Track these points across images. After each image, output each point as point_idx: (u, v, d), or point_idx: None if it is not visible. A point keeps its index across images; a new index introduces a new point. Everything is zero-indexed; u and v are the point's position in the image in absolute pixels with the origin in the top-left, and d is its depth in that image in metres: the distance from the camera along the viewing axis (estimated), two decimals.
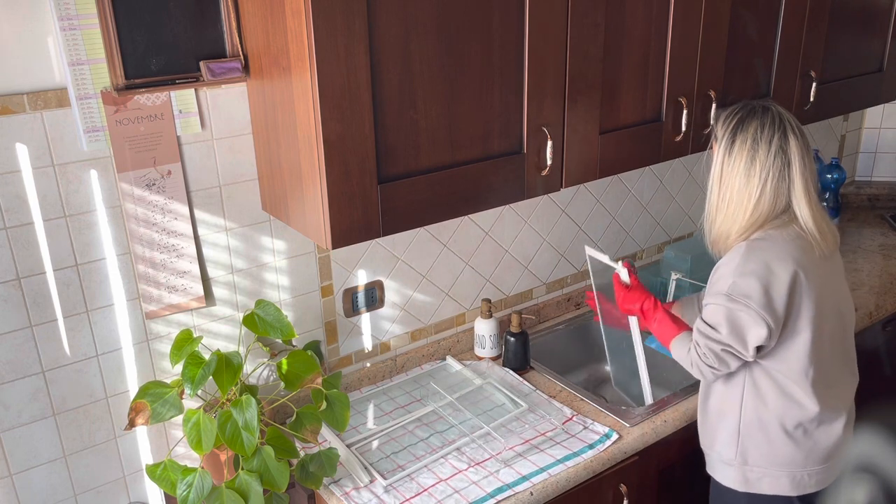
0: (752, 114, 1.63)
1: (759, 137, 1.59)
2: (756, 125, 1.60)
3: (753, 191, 1.60)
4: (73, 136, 1.51)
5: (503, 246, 2.24)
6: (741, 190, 1.61)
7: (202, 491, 1.52)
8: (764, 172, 1.59)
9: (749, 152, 1.60)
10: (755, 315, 1.56)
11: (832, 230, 1.65)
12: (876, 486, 1.54)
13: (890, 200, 3.26)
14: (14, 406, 1.57)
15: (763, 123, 1.60)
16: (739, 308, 1.57)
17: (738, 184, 1.61)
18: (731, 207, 1.63)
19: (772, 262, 1.57)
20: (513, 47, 1.60)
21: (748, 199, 1.61)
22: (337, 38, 1.36)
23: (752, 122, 1.61)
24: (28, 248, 1.51)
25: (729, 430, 1.70)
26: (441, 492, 1.65)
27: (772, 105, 1.65)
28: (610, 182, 2.42)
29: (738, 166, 1.61)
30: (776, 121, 1.60)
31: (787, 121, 1.61)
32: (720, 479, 1.76)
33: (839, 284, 1.70)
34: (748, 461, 1.69)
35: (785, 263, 1.56)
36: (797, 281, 1.57)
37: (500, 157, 1.66)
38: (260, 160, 1.71)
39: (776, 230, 1.60)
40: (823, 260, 1.62)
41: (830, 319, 1.64)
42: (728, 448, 1.71)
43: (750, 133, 1.60)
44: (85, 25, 1.46)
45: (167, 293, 1.69)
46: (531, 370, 2.12)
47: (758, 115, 1.62)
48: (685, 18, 1.88)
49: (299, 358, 1.63)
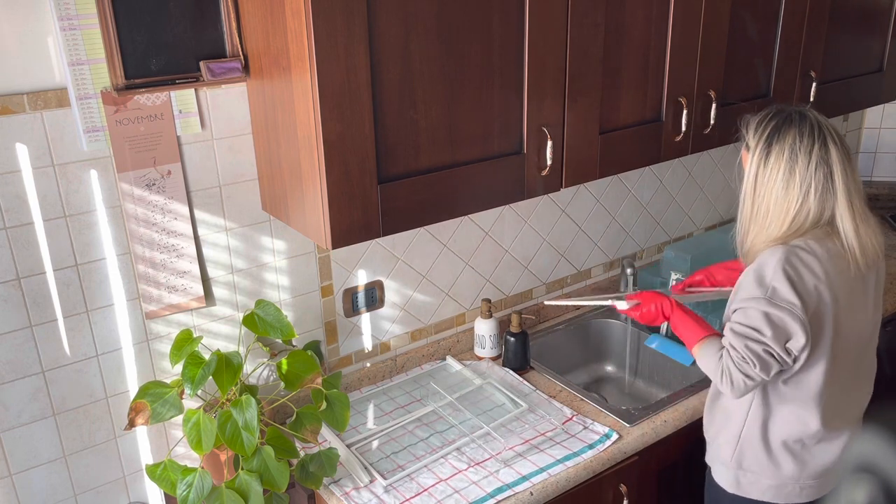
0: (788, 121, 1.55)
1: (797, 147, 1.51)
2: (794, 133, 1.52)
3: (792, 203, 1.52)
4: (73, 136, 1.51)
5: (503, 246, 2.24)
6: (778, 202, 1.53)
7: (202, 491, 1.52)
8: (805, 184, 1.51)
9: (788, 163, 1.51)
10: (798, 322, 1.48)
11: (876, 242, 1.56)
12: (876, 486, 1.53)
13: (890, 200, 3.26)
14: (14, 406, 1.57)
15: (802, 132, 1.52)
16: (783, 313, 1.48)
17: (776, 195, 1.53)
18: (767, 219, 1.55)
19: (806, 276, 1.50)
20: (513, 47, 1.60)
21: (786, 211, 1.53)
22: (337, 38, 1.36)
23: (790, 130, 1.53)
24: (28, 248, 1.51)
25: (731, 432, 1.69)
26: (441, 492, 1.65)
27: (809, 112, 1.56)
28: (610, 182, 2.42)
29: (775, 177, 1.53)
30: (815, 129, 1.52)
31: (827, 128, 1.54)
32: (714, 475, 1.77)
33: (868, 303, 1.61)
34: (743, 465, 1.69)
35: (818, 282, 1.50)
36: (825, 305, 1.50)
37: (500, 157, 1.66)
38: (260, 160, 1.71)
39: (816, 242, 1.52)
40: (858, 280, 1.55)
41: (850, 343, 1.58)
42: (726, 449, 1.71)
43: (788, 143, 1.52)
44: (85, 25, 1.46)
45: (167, 293, 1.69)
46: (531, 370, 2.12)
47: (795, 122, 1.54)
48: (685, 18, 1.88)
49: (299, 358, 1.63)
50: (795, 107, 1.60)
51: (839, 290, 1.53)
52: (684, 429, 1.90)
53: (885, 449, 1.33)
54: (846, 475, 1.66)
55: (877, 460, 1.35)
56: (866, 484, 1.34)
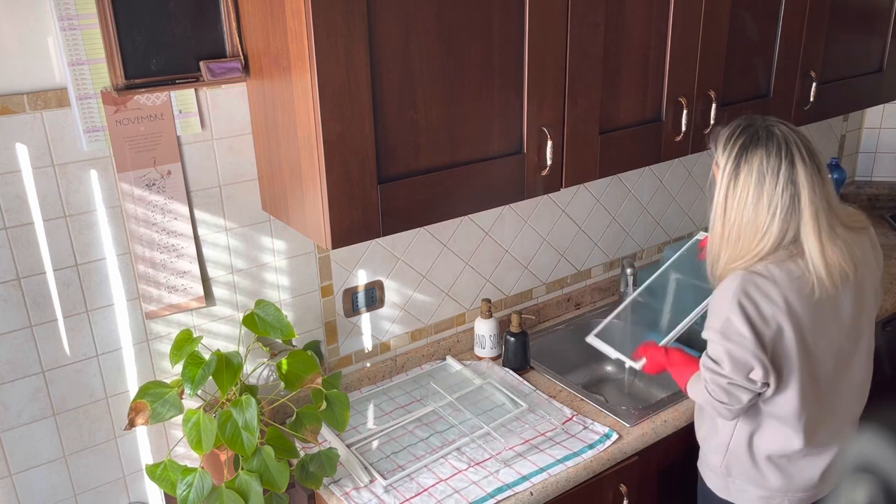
0: (755, 140, 1.50)
1: (765, 168, 1.47)
2: (761, 154, 1.48)
3: (761, 225, 1.49)
4: (73, 136, 1.51)
5: (503, 246, 2.24)
6: (748, 224, 1.50)
7: (202, 491, 1.52)
8: (772, 207, 1.47)
9: (756, 185, 1.48)
10: (752, 355, 1.49)
11: (845, 260, 1.50)
12: (876, 486, 1.53)
13: (890, 200, 3.26)
14: (14, 406, 1.57)
15: (769, 151, 1.48)
16: (736, 346, 1.50)
17: (746, 217, 1.50)
18: (740, 243, 1.52)
19: (762, 304, 1.48)
20: (513, 47, 1.60)
21: (755, 233, 1.50)
22: (337, 38, 1.36)
23: (757, 150, 1.49)
24: (28, 248, 1.51)
25: (719, 441, 1.69)
26: (441, 492, 1.65)
27: (776, 126, 1.52)
28: (610, 182, 2.42)
29: (743, 198, 1.50)
30: (782, 147, 1.48)
31: (795, 144, 1.49)
32: (705, 478, 1.78)
33: (843, 320, 1.57)
34: (731, 474, 1.69)
35: (775, 309, 1.48)
36: (782, 332, 1.49)
37: (500, 157, 1.66)
38: (260, 160, 1.71)
39: (777, 266, 1.49)
40: (826, 301, 1.50)
41: (825, 362, 1.56)
42: (715, 457, 1.71)
43: (756, 164, 1.48)
44: (85, 25, 1.46)
45: (167, 293, 1.69)
46: (531, 370, 2.12)
47: (762, 141, 1.50)
48: (685, 18, 1.88)
49: (299, 358, 1.63)
50: (764, 120, 1.55)
51: (801, 314, 1.49)
52: (684, 429, 1.90)
53: (885, 449, 1.33)
54: (846, 476, 1.66)
55: (877, 460, 1.35)
56: (866, 484, 1.34)
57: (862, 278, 1.58)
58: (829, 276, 1.48)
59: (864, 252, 1.59)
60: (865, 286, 1.60)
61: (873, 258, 1.63)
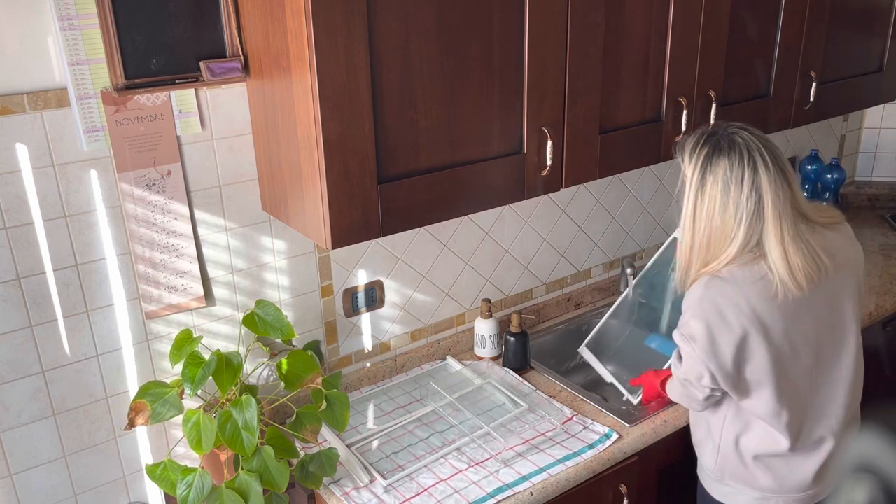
0: (718, 149, 1.53)
1: (729, 177, 1.50)
2: (725, 164, 1.51)
3: (729, 232, 1.52)
4: (73, 136, 1.51)
5: (503, 246, 2.24)
6: (716, 231, 1.53)
7: (202, 491, 1.52)
8: (738, 214, 1.50)
9: (721, 195, 1.51)
10: (698, 360, 1.54)
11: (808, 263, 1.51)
12: (876, 486, 1.53)
13: (890, 200, 3.26)
14: (14, 406, 1.57)
15: (732, 161, 1.50)
16: (688, 349, 1.56)
17: (714, 226, 1.53)
18: (710, 250, 1.55)
19: (726, 309, 1.50)
20: (513, 47, 1.60)
21: (723, 239, 1.53)
22: (337, 38, 1.36)
23: (720, 160, 1.52)
24: (28, 248, 1.51)
25: (712, 444, 1.71)
26: (441, 492, 1.65)
27: (738, 134, 1.54)
28: (610, 182, 2.42)
29: (711, 208, 1.53)
30: (744, 155, 1.50)
31: (757, 151, 1.51)
32: (703, 482, 1.78)
33: (827, 313, 1.58)
34: (725, 477, 1.70)
35: (738, 312, 1.50)
36: (748, 335, 1.50)
37: (500, 157, 1.66)
38: (260, 160, 1.71)
39: (741, 269, 1.51)
40: (793, 302, 1.51)
41: (806, 356, 1.56)
42: (709, 460, 1.73)
43: (720, 174, 1.51)
44: (85, 25, 1.46)
45: (167, 293, 1.69)
46: (531, 370, 2.12)
47: (724, 150, 1.52)
48: (685, 18, 1.88)
49: (299, 358, 1.63)
50: (727, 128, 1.57)
51: (766, 315, 1.51)
52: (684, 429, 1.90)
53: (885, 449, 1.33)
54: (846, 476, 1.66)
55: (877, 460, 1.35)
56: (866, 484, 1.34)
57: (839, 274, 1.59)
58: (792, 279, 1.50)
59: (838, 248, 1.60)
60: (844, 282, 1.60)
61: (851, 253, 1.64)
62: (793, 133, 2.95)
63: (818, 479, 1.64)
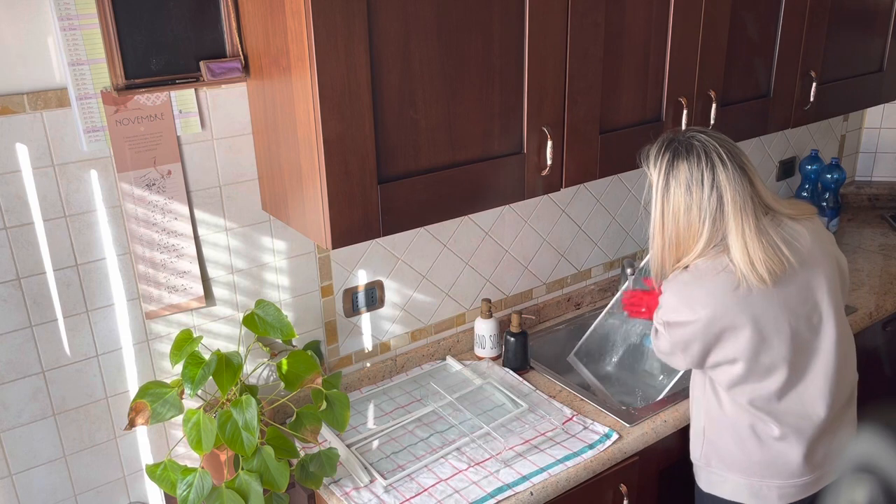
0: (678, 154, 1.60)
1: (691, 180, 1.57)
2: (685, 167, 1.58)
3: (695, 231, 1.59)
4: (73, 136, 1.51)
5: (503, 246, 2.24)
6: (684, 231, 1.60)
7: (202, 491, 1.52)
8: (702, 213, 1.57)
9: (685, 196, 1.58)
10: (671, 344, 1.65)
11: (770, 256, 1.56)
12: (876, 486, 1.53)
13: (890, 200, 3.26)
14: (14, 406, 1.57)
15: (691, 165, 1.58)
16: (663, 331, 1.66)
17: (681, 226, 1.60)
18: (679, 248, 1.62)
19: (692, 300, 1.59)
20: (513, 47, 1.60)
21: (690, 238, 1.60)
22: (337, 38, 1.36)
23: (681, 164, 1.59)
24: (28, 248, 1.51)
25: (696, 430, 1.75)
26: (441, 492, 1.65)
27: (694, 137, 1.61)
28: (610, 182, 2.42)
29: (678, 211, 1.59)
30: (702, 157, 1.57)
31: (713, 151, 1.58)
32: (695, 476, 1.80)
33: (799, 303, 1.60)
34: (711, 463, 1.72)
35: (703, 304, 1.57)
36: (713, 322, 1.57)
37: (500, 157, 1.66)
38: (260, 160, 1.71)
39: (705, 262, 1.60)
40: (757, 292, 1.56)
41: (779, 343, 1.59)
42: (696, 448, 1.76)
43: (682, 178, 1.58)
44: (85, 25, 1.46)
45: (167, 293, 1.69)
46: (531, 370, 2.12)
47: (683, 154, 1.59)
48: (685, 18, 1.88)
49: (299, 358, 1.63)
50: (685, 133, 1.64)
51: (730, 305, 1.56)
52: (684, 429, 1.90)
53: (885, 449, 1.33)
54: (845, 476, 1.65)
55: (877, 460, 1.35)
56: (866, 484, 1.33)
57: (809, 266, 1.62)
58: (753, 271, 1.55)
59: (804, 238, 1.63)
60: (816, 273, 1.63)
61: (820, 244, 1.66)
62: (793, 133, 2.95)
63: (808, 465, 1.65)
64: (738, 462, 1.67)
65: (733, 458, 1.68)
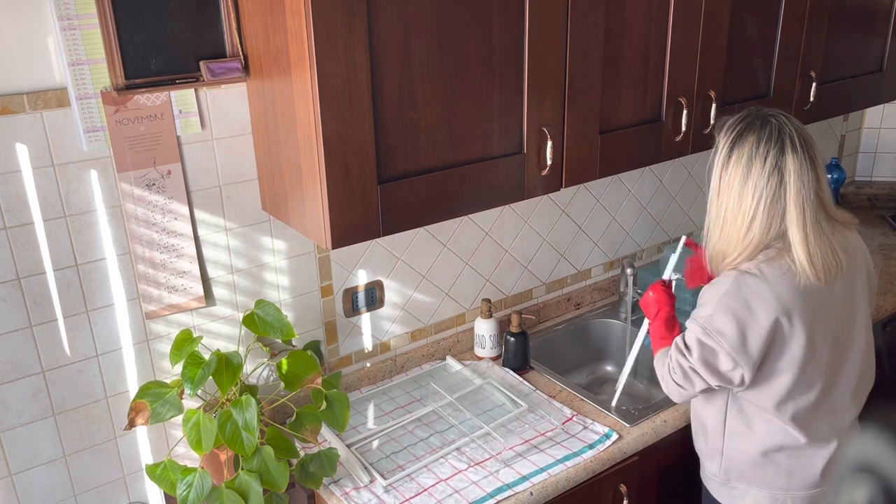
0: (751, 126, 1.53)
1: (754, 154, 1.49)
2: (753, 140, 1.50)
3: (747, 212, 1.51)
4: (73, 136, 1.51)
5: (503, 246, 2.24)
6: (734, 210, 1.53)
7: (202, 491, 1.52)
8: (757, 193, 1.50)
9: (744, 170, 1.51)
10: (725, 354, 1.52)
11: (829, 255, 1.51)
12: (876, 486, 1.53)
13: (890, 200, 3.26)
14: (14, 406, 1.57)
15: (760, 138, 1.50)
16: (712, 343, 1.53)
17: (733, 203, 1.53)
18: (727, 228, 1.55)
19: (754, 304, 1.49)
20: (513, 47, 1.60)
21: (742, 220, 1.52)
22: (337, 38, 1.36)
23: (750, 136, 1.51)
24: (28, 248, 1.51)
25: (714, 447, 1.70)
26: (441, 492, 1.65)
27: (775, 116, 1.54)
28: (610, 182, 2.42)
29: (733, 184, 1.52)
30: (774, 134, 1.50)
31: (789, 134, 1.50)
32: (708, 488, 1.77)
33: (843, 310, 1.58)
34: (731, 480, 1.69)
35: (768, 306, 1.49)
36: (778, 327, 1.50)
37: (500, 158, 1.66)
38: (260, 160, 1.71)
39: (767, 264, 1.51)
40: (815, 291, 1.51)
41: (823, 351, 1.56)
42: (713, 464, 1.72)
43: (746, 149, 1.51)
44: (85, 25, 1.46)
45: (167, 293, 1.69)
46: (531, 370, 2.12)
47: (756, 128, 1.52)
48: (685, 18, 1.88)
49: (299, 358, 1.63)
50: (768, 111, 1.57)
51: (795, 306, 1.50)
52: (684, 429, 1.90)
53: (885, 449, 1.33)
54: (845, 476, 1.65)
55: (877, 460, 1.35)
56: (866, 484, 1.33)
57: (852, 275, 1.60)
58: (811, 267, 1.49)
59: (852, 249, 1.61)
60: (855, 283, 1.62)
61: (862, 255, 1.65)
62: None
63: (826, 477, 1.63)
64: (761, 476, 1.64)
65: (756, 474, 1.65)
